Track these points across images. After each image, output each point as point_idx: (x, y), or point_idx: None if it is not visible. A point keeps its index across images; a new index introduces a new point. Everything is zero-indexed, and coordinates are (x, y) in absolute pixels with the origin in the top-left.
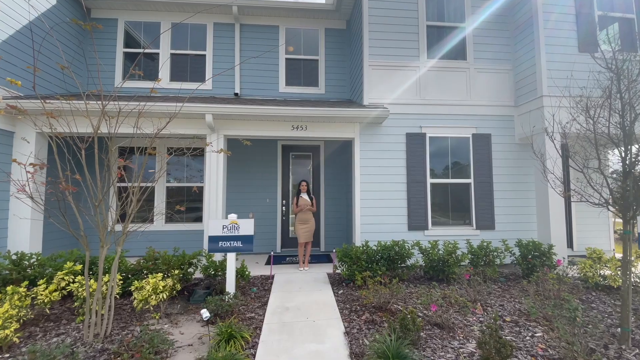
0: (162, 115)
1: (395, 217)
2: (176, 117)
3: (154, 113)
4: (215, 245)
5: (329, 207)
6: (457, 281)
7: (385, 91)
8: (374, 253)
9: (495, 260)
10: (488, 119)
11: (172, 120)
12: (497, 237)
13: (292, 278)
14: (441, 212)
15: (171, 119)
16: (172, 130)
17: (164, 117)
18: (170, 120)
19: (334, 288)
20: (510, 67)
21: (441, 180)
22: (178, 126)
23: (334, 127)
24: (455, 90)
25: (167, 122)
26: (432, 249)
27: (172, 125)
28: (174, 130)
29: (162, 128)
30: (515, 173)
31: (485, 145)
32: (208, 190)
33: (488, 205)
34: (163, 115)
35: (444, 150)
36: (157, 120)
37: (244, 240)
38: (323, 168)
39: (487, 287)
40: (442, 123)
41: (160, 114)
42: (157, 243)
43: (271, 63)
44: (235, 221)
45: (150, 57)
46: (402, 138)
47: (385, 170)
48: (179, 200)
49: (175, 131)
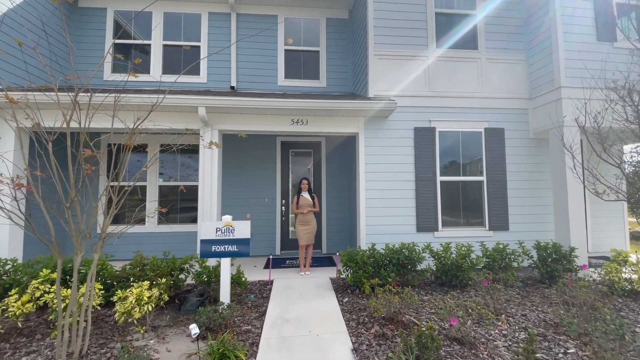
0: (147, 108)
1: (402, 217)
2: (168, 111)
3: (135, 106)
4: (208, 250)
5: (331, 206)
6: (472, 287)
7: (392, 83)
8: (381, 257)
9: (512, 264)
10: (501, 112)
11: (154, 110)
12: (511, 238)
13: (292, 284)
14: (451, 212)
15: (152, 109)
16: (163, 124)
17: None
18: (151, 112)
19: (338, 295)
20: (523, 57)
21: (452, 178)
22: (169, 120)
23: (336, 121)
24: (466, 82)
25: (148, 114)
26: (445, 253)
27: (163, 120)
28: (165, 124)
29: (142, 120)
30: (529, 170)
31: (498, 141)
32: (202, 189)
33: (501, 204)
34: (147, 108)
35: (455, 146)
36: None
37: (240, 244)
38: (325, 165)
39: (505, 293)
40: (452, 117)
41: (145, 107)
42: (149, 246)
43: (269, 55)
44: (230, 223)
45: (142, 49)
46: (410, 133)
47: (391, 167)
48: (172, 200)
49: (166, 126)
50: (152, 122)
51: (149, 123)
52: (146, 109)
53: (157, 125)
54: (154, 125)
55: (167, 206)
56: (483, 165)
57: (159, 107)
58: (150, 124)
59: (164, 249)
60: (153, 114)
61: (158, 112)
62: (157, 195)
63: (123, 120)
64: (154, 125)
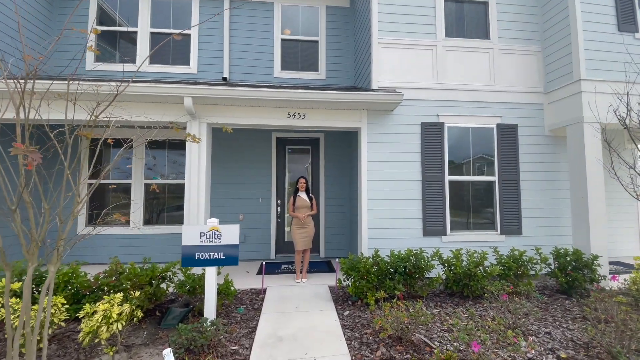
0: (121, 99)
1: (408, 220)
2: (152, 102)
3: (105, 96)
4: (191, 258)
5: (330, 207)
6: (486, 298)
7: (397, 73)
8: (386, 266)
9: (529, 272)
10: (514, 107)
11: (136, 101)
12: (524, 243)
13: (287, 293)
14: (460, 215)
15: (114, 98)
16: (150, 117)
17: (132, 102)
18: (112, 101)
19: (338, 307)
20: (538, 48)
21: (461, 177)
22: (153, 113)
23: (337, 115)
24: (477, 74)
25: (109, 104)
26: (456, 260)
27: (147, 112)
28: (152, 117)
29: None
30: (544, 170)
31: (511, 138)
32: (188, 188)
33: (514, 206)
34: (121, 97)
35: (465, 143)
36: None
37: (227, 251)
38: (323, 164)
39: (521, 304)
40: (462, 111)
41: (119, 97)
42: (134, 249)
43: (265, 44)
44: (216, 227)
45: (128, 37)
46: (417, 128)
47: (396, 165)
48: (160, 199)
49: (152, 119)
50: (131, 114)
51: (129, 116)
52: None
53: (143, 117)
54: (131, 118)
55: (154, 206)
56: (495, 164)
57: (141, 98)
58: (132, 117)
59: (150, 252)
60: (135, 106)
61: (140, 103)
62: (142, 195)
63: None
64: (130, 117)
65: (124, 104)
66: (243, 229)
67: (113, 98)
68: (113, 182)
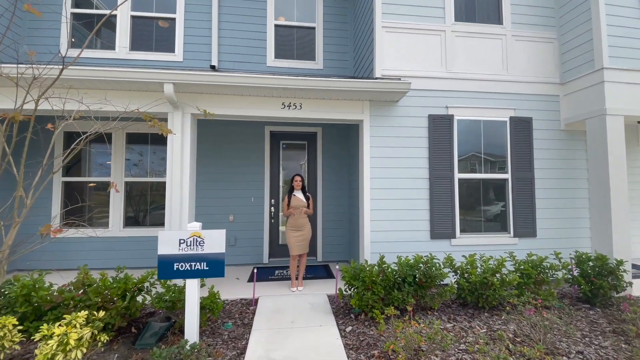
0: (92, 86)
1: (414, 222)
2: (127, 90)
3: (70, 80)
4: (169, 269)
5: (328, 207)
6: (502, 308)
7: (402, 61)
8: (393, 274)
9: (549, 280)
10: (528, 98)
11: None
12: (539, 246)
13: (282, 304)
14: (470, 216)
15: (53, 82)
16: (121, 106)
17: (107, 90)
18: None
19: (340, 322)
20: (554, 35)
21: (472, 175)
22: (129, 101)
23: (336, 106)
24: (489, 63)
25: (47, 89)
26: (471, 267)
27: (122, 101)
28: (125, 106)
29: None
30: (560, 167)
31: (525, 132)
32: (170, 187)
33: (528, 206)
34: (91, 85)
35: (475, 138)
36: (99, 92)
37: (211, 260)
38: (321, 160)
39: (544, 318)
40: (473, 103)
41: (89, 83)
42: (113, 253)
43: (257, 30)
44: (198, 233)
45: (106, 21)
46: (424, 121)
47: (401, 162)
48: (143, 198)
49: (127, 108)
50: (111, 103)
51: (106, 105)
52: (91, 85)
53: (115, 106)
54: (100, 106)
55: (136, 206)
56: (508, 160)
57: (116, 86)
58: (107, 106)
59: (131, 256)
60: (110, 95)
61: (115, 91)
62: (123, 194)
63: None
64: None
65: (96, 92)
66: (234, 231)
67: (52, 82)
68: (86, 180)
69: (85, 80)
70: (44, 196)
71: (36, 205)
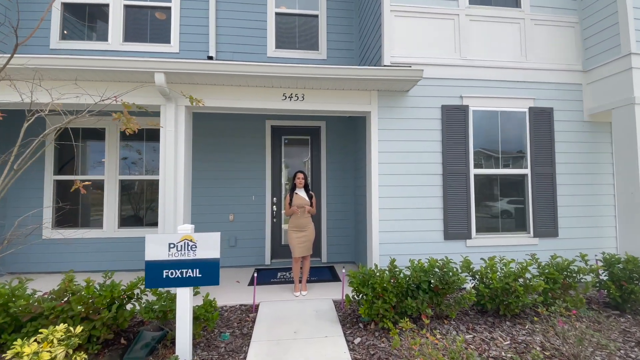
0: (80, 77)
1: (426, 221)
2: (118, 81)
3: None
4: (157, 277)
5: (333, 206)
6: (525, 316)
7: (412, 47)
8: (406, 280)
9: (576, 285)
10: (549, 87)
11: None
12: (560, 247)
13: (284, 311)
14: (486, 214)
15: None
16: (100, 96)
17: (95, 81)
18: None
19: (347, 332)
20: (575, 19)
21: (488, 171)
22: (119, 92)
23: (341, 96)
24: (507, 49)
25: None
26: (492, 272)
27: (112, 93)
28: (109, 97)
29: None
30: (583, 161)
31: (546, 123)
32: (163, 185)
33: (549, 204)
34: (72, 76)
35: (493, 130)
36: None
37: (205, 267)
38: (325, 156)
39: (574, 328)
40: (489, 92)
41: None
42: (107, 254)
43: (257, 19)
44: (190, 236)
45: (99, 12)
46: (437, 112)
47: (412, 157)
48: (138, 197)
49: (101, 95)
50: (82, 93)
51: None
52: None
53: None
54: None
55: (132, 205)
56: (527, 154)
57: (105, 76)
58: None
59: (126, 258)
60: (99, 86)
61: (104, 82)
62: (117, 193)
63: None
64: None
65: (83, 83)
66: (234, 231)
67: None
68: (79, 178)
69: (60, 70)
70: (34, 196)
71: (26, 205)
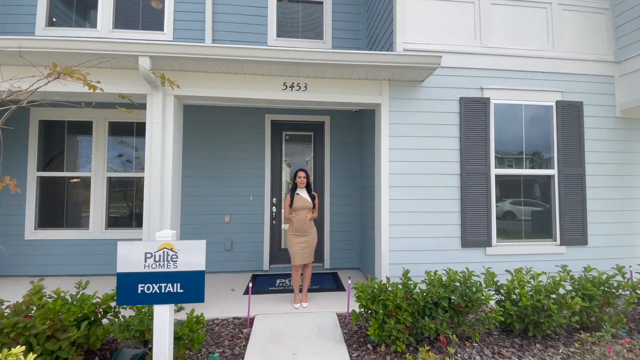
0: (42, 62)
1: (441, 226)
2: (100, 68)
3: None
4: (131, 292)
5: (337, 207)
6: (557, 337)
7: (427, 33)
8: (423, 297)
9: (615, 302)
10: (578, 79)
11: None
12: (590, 256)
13: (282, 326)
14: (508, 220)
15: None
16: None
17: None
18: None
19: (354, 354)
20: (606, 5)
21: (511, 171)
22: (105, 82)
23: (348, 87)
24: (532, 36)
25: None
26: (520, 287)
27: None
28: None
29: None
30: (615, 161)
31: (575, 119)
32: (148, 184)
33: (578, 208)
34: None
35: (516, 126)
36: None
37: (187, 280)
38: (329, 154)
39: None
40: (512, 84)
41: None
42: (93, 257)
43: (257, 5)
44: (170, 244)
45: None
46: (454, 105)
47: (426, 154)
48: (127, 195)
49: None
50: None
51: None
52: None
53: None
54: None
55: (121, 204)
56: (554, 153)
57: (83, 62)
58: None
59: (114, 260)
60: None
61: (83, 68)
62: (105, 191)
63: None
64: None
65: None
66: (230, 234)
67: None
68: (64, 175)
69: (35, 53)
70: (15, 194)
71: (8, 203)
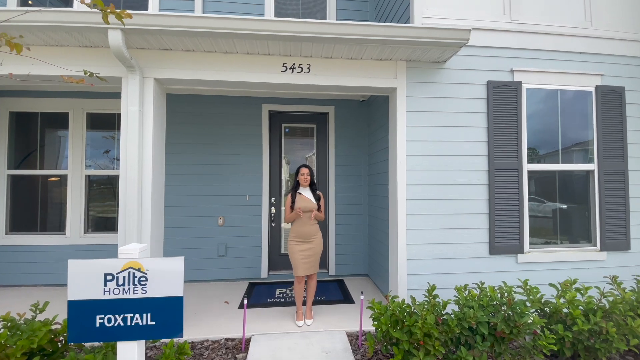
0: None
1: (466, 230)
2: (66, 46)
3: None
4: (87, 325)
5: (343, 208)
6: None
7: (451, 7)
8: (458, 321)
9: None
10: (619, 61)
11: None
12: (633, 263)
13: (283, 351)
14: (540, 222)
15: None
16: (69, 70)
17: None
18: None
19: None
20: None
21: (546, 166)
22: (74, 61)
23: (358, 68)
24: (568, 12)
25: None
26: (572, 307)
27: (59, 61)
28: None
29: None
30: None
31: (616, 107)
32: (124, 182)
33: (620, 208)
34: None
35: (550, 114)
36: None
37: (160, 309)
38: (333, 148)
39: None
40: (546, 65)
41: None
42: None
43: None
44: (136, 263)
45: None
46: (481, 90)
47: (450, 147)
48: (108, 195)
49: (66, 71)
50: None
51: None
52: None
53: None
54: None
55: (101, 205)
56: (593, 146)
57: (47, 39)
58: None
59: None
60: (44, 53)
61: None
62: (84, 191)
63: None
64: None
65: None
66: (224, 238)
67: None
68: (38, 173)
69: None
70: None
71: None
